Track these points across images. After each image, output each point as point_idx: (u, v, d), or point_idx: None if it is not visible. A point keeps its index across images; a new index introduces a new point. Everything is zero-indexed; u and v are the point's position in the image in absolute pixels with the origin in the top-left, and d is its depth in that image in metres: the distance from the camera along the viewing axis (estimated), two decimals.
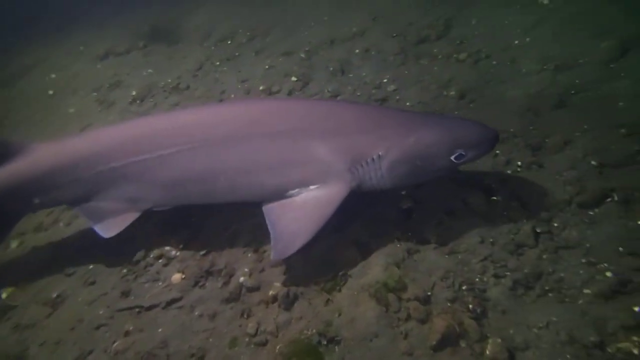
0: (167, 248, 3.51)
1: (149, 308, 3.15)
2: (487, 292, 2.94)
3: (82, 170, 3.26)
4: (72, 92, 5.95)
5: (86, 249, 3.65)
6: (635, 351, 2.48)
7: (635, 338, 2.53)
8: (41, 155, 3.34)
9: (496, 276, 3.02)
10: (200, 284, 3.24)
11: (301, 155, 3.06)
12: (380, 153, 3.00)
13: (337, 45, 6.04)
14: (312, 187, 3.08)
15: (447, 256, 3.18)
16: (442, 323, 2.73)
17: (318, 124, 3.10)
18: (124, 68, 6.38)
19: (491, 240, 3.23)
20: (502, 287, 2.95)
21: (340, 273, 3.18)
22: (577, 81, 4.45)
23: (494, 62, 5.08)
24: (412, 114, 3.40)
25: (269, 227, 3.03)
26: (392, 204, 3.55)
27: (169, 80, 5.83)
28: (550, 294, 2.88)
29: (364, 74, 5.42)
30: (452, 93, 4.71)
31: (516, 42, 5.24)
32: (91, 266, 3.52)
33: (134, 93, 5.69)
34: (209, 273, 3.29)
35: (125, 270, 3.44)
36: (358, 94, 5.04)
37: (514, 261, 3.07)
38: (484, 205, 3.47)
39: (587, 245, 3.11)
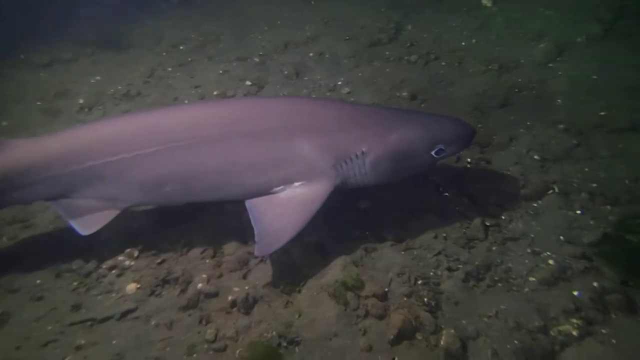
0: (121, 258, 3.41)
1: (102, 320, 3.04)
2: (441, 285, 3.04)
3: (57, 168, 3.16)
4: (14, 103, 5.67)
5: (33, 263, 3.49)
6: (575, 333, 2.64)
7: (574, 320, 2.69)
8: (15, 151, 3.22)
9: (449, 269, 3.13)
10: (157, 292, 3.16)
11: (285, 153, 3.04)
12: (363, 150, 3.03)
13: (291, 49, 6.08)
14: (296, 184, 3.08)
15: (403, 253, 3.26)
16: (399, 318, 2.80)
17: (301, 122, 3.10)
18: (70, 76, 6.14)
19: (444, 235, 3.35)
20: (454, 279, 3.06)
21: (300, 274, 3.20)
22: (519, 80, 4.69)
23: (443, 64, 5.27)
24: (393, 111, 3.47)
25: (252, 222, 3.00)
26: (351, 204, 3.61)
27: (119, 87, 5.67)
28: (499, 284, 3.02)
29: (318, 77, 5.48)
30: (405, 94, 4.84)
31: (463, 44, 5.45)
32: (38, 281, 3.37)
33: (81, 101, 5.50)
34: (165, 281, 3.22)
35: (75, 283, 3.31)
36: (313, 96, 5.09)
37: (465, 254, 3.20)
38: (437, 201, 3.59)
39: (532, 235, 3.28)
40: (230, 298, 3.06)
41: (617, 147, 3.70)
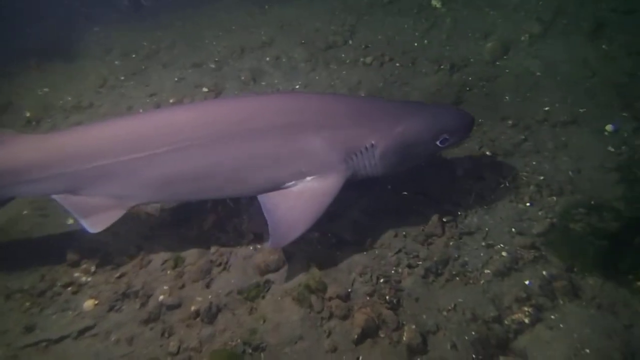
0: (77, 274, 3.31)
1: (58, 340, 2.95)
2: (402, 283, 3.12)
3: (66, 165, 3.13)
4: None
5: None
6: (527, 320, 2.78)
7: (526, 308, 2.84)
8: (26, 146, 3.22)
9: (409, 266, 3.21)
10: (116, 307, 3.10)
11: (296, 149, 3.09)
12: (372, 142, 3.11)
13: (247, 54, 6.04)
14: (308, 178, 3.13)
15: (365, 252, 3.32)
16: (362, 317, 2.85)
17: (311, 117, 3.15)
18: (15, 88, 5.87)
19: (404, 233, 3.43)
20: (415, 276, 3.14)
21: (264, 280, 3.20)
22: (469, 79, 4.85)
23: (397, 64, 5.38)
24: (397, 103, 3.58)
25: (265, 215, 3.06)
26: None
27: (69, 99, 5.48)
28: (456, 278, 3.13)
29: (276, 81, 5.48)
30: (362, 95, 4.91)
31: (415, 44, 5.58)
32: None
33: (27, 115, 5.29)
34: (125, 295, 3.15)
35: (28, 304, 3.19)
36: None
37: (424, 251, 3.29)
38: (396, 200, 3.68)
39: (486, 229, 3.41)
40: (193, 308, 3.03)
41: (561, 140, 3.90)
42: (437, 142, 3.23)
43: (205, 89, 5.40)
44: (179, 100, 5.25)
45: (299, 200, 3.08)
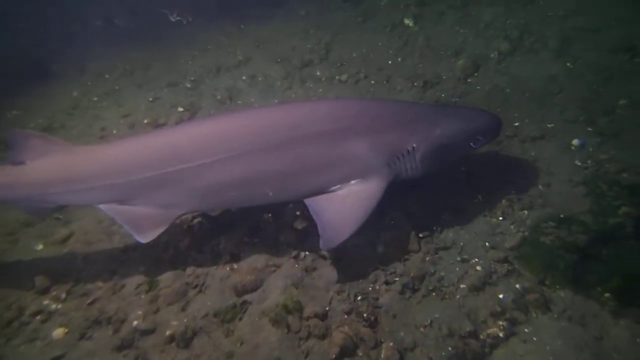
0: (46, 302, 3.22)
1: None
2: (380, 300, 3.12)
3: (117, 176, 3.21)
4: None
5: None
6: (501, 334, 2.81)
7: (500, 322, 2.87)
8: (78, 156, 3.33)
9: (387, 283, 3.22)
10: (87, 335, 3.01)
11: (341, 154, 3.19)
12: (414, 146, 3.24)
13: (223, 73, 6.07)
14: (352, 182, 3.24)
15: (342, 270, 3.32)
16: (340, 336, 2.84)
17: (354, 122, 3.24)
18: None
19: (381, 249, 3.44)
20: (392, 292, 3.15)
21: (241, 301, 3.17)
22: (442, 95, 4.95)
23: (372, 82, 5.46)
24: (432, 107, 3.82)
25: (314, 217, 3.16)
26: (287, 225, 3.64)
27: (40, 121, 5.39)
28: (433, 293, 3.15)
29: (252, 99, 5.50)
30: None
31: (389, 62, 5.69)
32: None
33: None
34: (96, 322, 3.07)
35: None
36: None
37: (401, 267, 3.30)
38: (373, 216, 3.68)
39: (461, 243, 3.45)
40: (167, 333, 2.98)
41: (531, 155, 3.99)
42: (471, 144, 3.40)
43: (180, 109, 5.39)
44: (154, 120, 5.22)
45: (345, 204, 3.18)
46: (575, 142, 3.94)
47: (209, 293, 3.25)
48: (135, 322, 3.04)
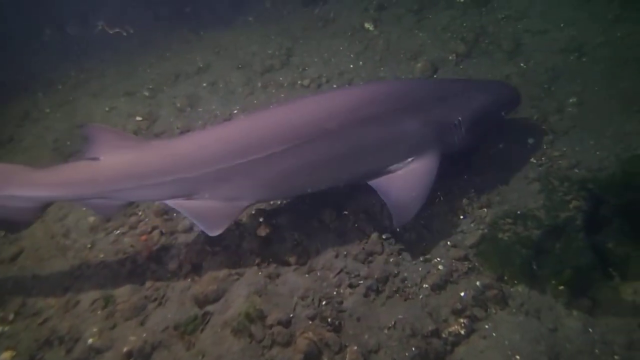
0: None
1: None
2: (344, 303, 3.10)
3: (186, 170, 3.21)
4: None
5: None
6: (462, 331, 2.84)
7: (461, 320, 2.90)
8: (148, 152, 3.36)
9: (351, 286, 3.21)
10: (38, 357, 2.87)
11: (398, 133, 3.34)
12: (459, 119, 3.44)
13: (182, 80, 5.96)
14: (409, 159, 3.39)
15: (306, 275, 3.29)
16: (304, 342, 2.81)
17: (403, 102, 3.39)
18: None
19: (345, 253, 3.43)
20: (356, 295, 3.14)
21: (202, 312, 3.09)
22: None
23: (335, 86, 5.48)
24: (460, 81, 4.16)
25: (382, 198, 3.33)
26: (249, 232, 3.58)
27: None
28: (397, 294, 3.15)
29: (213, 107, 5.42)
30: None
31: (351, 66, 5.72)
32: None
33: None
34: (47, 343, 2.93)
35: None
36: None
37: (365, 269, 3.30)
38: (336, 220, 3.68)
39: (424, 244, 3.48)
40: (125, 349, 2.87)
41: (488, 154, 4.08)
42: (502, 113, 3.72)
43: (138, 118, 5.26)
44: None
45: (407, 182, 3.34)
46: (530, 140, 4.05)
47: (169, 305, 3.16)
48: (90, 340, 2.92)
